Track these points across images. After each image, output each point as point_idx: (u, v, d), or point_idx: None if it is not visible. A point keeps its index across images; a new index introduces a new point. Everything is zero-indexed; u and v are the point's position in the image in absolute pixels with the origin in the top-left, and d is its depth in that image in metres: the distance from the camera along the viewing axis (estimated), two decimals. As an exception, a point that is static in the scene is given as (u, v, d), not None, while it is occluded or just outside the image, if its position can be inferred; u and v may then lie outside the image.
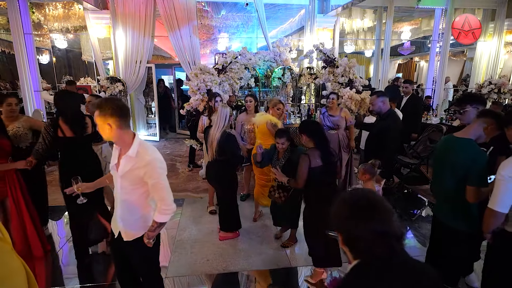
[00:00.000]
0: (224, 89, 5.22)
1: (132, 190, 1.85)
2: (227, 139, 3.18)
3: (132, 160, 1.79)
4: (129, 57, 7.36)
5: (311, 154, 2.54)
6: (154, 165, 1.79)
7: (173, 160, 6.59)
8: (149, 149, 1.83)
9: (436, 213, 2.42)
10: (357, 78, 5.49)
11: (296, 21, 10.56)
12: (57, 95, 2.99)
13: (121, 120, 1.75)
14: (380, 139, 3.28)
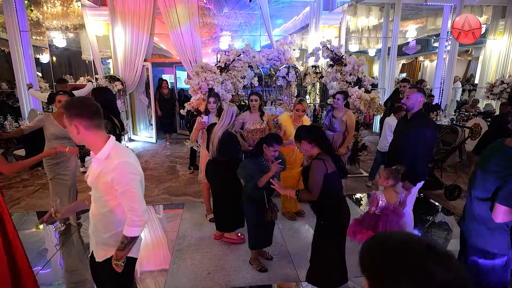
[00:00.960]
0: (227, 88, 4.99)
1: (104, 201, 1.63)
2: (229, 138, 3.04)
3: (101, 163, 1.60)
4: (128, 56, 7.13)
5: (325, 159, 2.22)
6: (123, 169, 1.56)
7: (173, 162, 6.35)
8: (121, 152, 1.63)
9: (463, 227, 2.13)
10: (366, 77, 5.24)
11: (300, 19, 10.31)
12: (95, 92, 3.09)
13: (90, 121, 1.56)
14: (405, 143, 2.84)
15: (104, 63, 8.37)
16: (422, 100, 2.83)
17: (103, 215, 1.66)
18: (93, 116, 1.57)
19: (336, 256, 2.39)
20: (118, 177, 1.55)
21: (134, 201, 1.58)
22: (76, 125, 1.54)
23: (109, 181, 1.56)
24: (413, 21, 12.50)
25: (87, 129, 1.56)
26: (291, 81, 6.83)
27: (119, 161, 1.56)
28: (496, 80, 7.21)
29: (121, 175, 1.56)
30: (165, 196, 4.66)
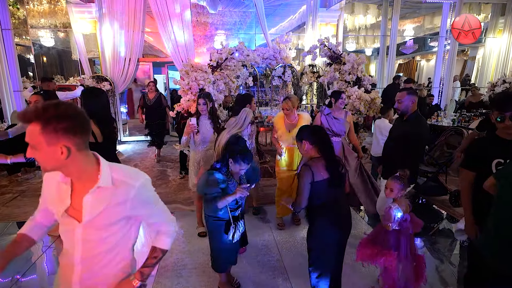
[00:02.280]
0: (219, 89, 4.70)
1: (106, 237, 1.26)
2: (236, 141, 2.81)
3: (108, 192, 1.20)
4: (117, 55, 6.82)
5: (314, 165, 2.03)
6: (147, 190, 1.28)
7: (163, 166, 6.05)
8: (128, 170, 1.29)
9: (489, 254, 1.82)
10: (365, 76, 4.98)
11: (296, 18, 10.07)
12: (84, 94, 2.72)
13: (84, 138, 1.15)
14: (403, 145, 2.80)
15: (98, 63, 8.07)
16: (415, 100, 2.83)
17: (103, 254, 1.29)
18: (88, 129, 1.17)
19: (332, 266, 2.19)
20: (144, 202, 1.27)
21: (165, 212, 1.41)
22: (67, 145, 1.08)
23: (125, 211, 1.24)
24: (410, 20, 12.31)
25: (80, 149, 1.14)
26: (288, 81, 6.57)
27: (140, 182, 1.24)
28: (498, 80, 7.01)
29: (147, 198, 1.29)
30: (153, 204, 4.36)
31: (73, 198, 1.22)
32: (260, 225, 3.78)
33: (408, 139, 2.74)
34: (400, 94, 2.82)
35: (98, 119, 2.58)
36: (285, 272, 2.88)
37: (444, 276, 2.93)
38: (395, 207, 2.28)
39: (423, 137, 2.79)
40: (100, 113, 2.62)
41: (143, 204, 1.27)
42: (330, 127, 3.69)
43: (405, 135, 2.78)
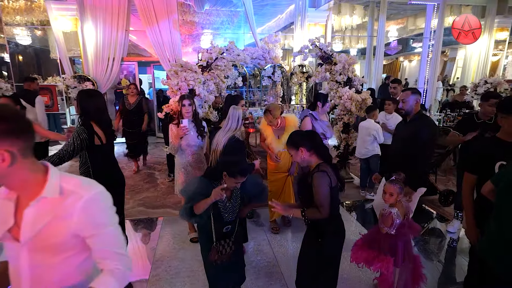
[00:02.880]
0: (209, 89, 4.58)
1: (57, 265, 1.07)
2: (235, 145, 2.77)
3: (53, 204, 1.02)
4: (100, 54, 6.57)
5: (328, 170, 1.92)
6: (100, 204, 1.08)
7: (151, 169, 5.87)
8: (81, 180, 1.10)
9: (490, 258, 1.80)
10: (356, 76, 4.97)
11: (284, 18, 10.04)
12: (82, 94, 2.59)
13: (29, 142, 1.00)
14: (410, 146, 2.67)
15: (78, 62, 7.76)
16: (419, 100, 2.74)
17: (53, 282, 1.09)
18: (32, 132, 1.02)
19: (332, 278, 2.12)
20: (92, 218, 1.06)
21: (118, 240, 1.13)
22: (10, 150, 0.93)
23: (70, 229, 1.04)
24: (394, 22, 12.53)
25: (26, 156, 0.99)
26: (277, 81, 6.51)
27: (91, 193, 1.05)
28: (480, 80, 7.17)
29: (97, 214, 1.07)
30: (141, 208, 4.20)
31: (17, 216, 1.04)
32: (254, 228, 3.69)
33: (412, 140, 2.62)
34: (404, 94, 2.72)
35: (98, 120, 2.49)
36: (282, 278, 2.80)
37: (435, 275, 2.93)
38: (395, 211, 2.23)
39: (428, 137, 2.62)
40: (99, 114, 2.54)
41: (90, 220, 1.04)
42: (325, 132, 3.66)
43: (409, 137, 2.67)
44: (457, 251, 3.46)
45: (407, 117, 2.79)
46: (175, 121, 3.14)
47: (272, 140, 3.39)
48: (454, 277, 3.02)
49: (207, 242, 2.11)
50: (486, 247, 1.84)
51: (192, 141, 3.09)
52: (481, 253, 1.86)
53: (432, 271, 2.97)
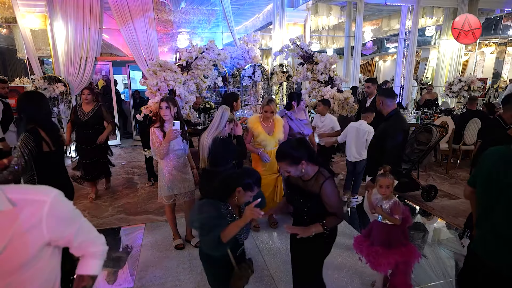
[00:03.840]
0: (190, 89, 4.43)
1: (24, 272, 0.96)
2: (219, 145, 2.67)
3: (9, 217, 0.92)
4: (72, 53, 6.23)
5: (329, 175, 1.89)
6: (62, 205, 1.05)
7: (129, 173, 5.62)
8: (28, 187, 1.10)
9: (482, 254, 1.83)
10: (337, 76, 4.99)
11: (261, 18, 9.98)
12: (24, 97, 2.36)
13: None
14: (382, 142, 2.86)
15: (48, 62, 7.32)
16: (394, 100, 2.93)
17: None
18: None
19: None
20: (63, 219, 1.04)
21: (90, 228, 1.19)
22: None
23: (42, 238, 0.97)
24: (369, 22, 12.80)
25: None
26: (258, 81, 6.44)
27: (52, 197, 0.99)
28: (454, 79, 7.44)
29: (66, 213, 1.06)
30: (121, 216, 3.99)
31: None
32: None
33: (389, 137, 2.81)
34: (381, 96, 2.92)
35: (44, 126, 2.31)
36: (273, 282, 2.72)
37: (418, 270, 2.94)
38: (398, 200, 2.33)
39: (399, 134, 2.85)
40: (44, 120, 2.36)
41: (62, 222, 1.04)
42: (301, 131, 3.62)
43: (387, 134, 2.85)
44: (441, 245, 3.51)
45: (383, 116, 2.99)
46: (156, 124, 2.96)
47: (264, 138, 3.30)
48: (439, 272, 3.05)
49: (221, 270, 1.85)
50: (478, 242, 1.84)
51: (177, 145, 2.94)
52: (475, 248, 1.87)
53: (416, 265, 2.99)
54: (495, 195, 1.64)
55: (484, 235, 1.78)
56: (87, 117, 4.23)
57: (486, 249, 1.77)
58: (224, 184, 1.81)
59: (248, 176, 1.79)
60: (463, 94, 7.25)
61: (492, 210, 1.68)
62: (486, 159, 1.79)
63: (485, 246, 1.77)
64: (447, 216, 4.06)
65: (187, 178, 3.08)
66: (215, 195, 1.81)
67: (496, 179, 1.64)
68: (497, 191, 1.63)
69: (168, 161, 2.98)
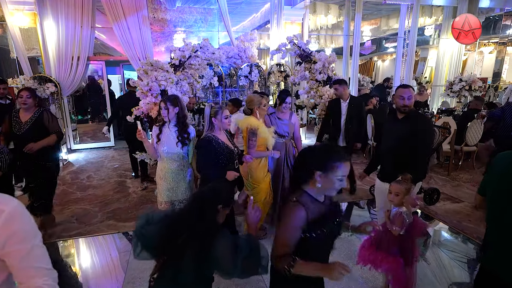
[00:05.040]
0: (183, 90, 4.26)
1: None
2: (198, 144, 2.53)
3: None
4: (63, 52, 6.06)
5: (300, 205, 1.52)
6: (22, 218, 0.98)
7: (122, 177, 5.44)
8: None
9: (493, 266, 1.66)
10: (336, 75, 4.83)
11: (259, 17, 9.82)
12: None
13: None
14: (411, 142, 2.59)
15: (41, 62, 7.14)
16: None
17: None
18: None
19: None
20: (16, 234, 0.96)
21: (47, 257, 1.05)
22: None
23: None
24: (368, 22, 12.67)
25: None
26: (255, 81, 6.28)
27: (11, 206, 0.96)
28: (455, 78, 7.31)
29: (20, 229, 0.97)
30: (111, 222, 3.80)
31: None
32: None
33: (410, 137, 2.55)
34: (409, 90, 2.62)
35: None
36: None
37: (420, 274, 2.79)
38: (405, 211, 2.15)
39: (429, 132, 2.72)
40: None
41: (15, 237, 0.95)
42: (282, 132, 3.45)
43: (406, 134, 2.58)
44: (444, 251, 3.36)
45: (399, 114, 2.65)
46: (157, 124, 2.88)
47: (265, 130, 3.03)
48: (442, 278, 2.89)
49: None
50: (493, 256, 1.68)
51: (171, 148, 2.75)
52: (489, 265, 1.70)
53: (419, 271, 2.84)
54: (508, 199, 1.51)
55: (496, 246, 1.64)
56: (24, 129, 3.25)
57: (500, 266, 1.61)
58: (204, 210, 1.45)
59: (217, 188, 1.56)
60: (464, 94, 7.12)
61: (504, 215, 1.54)
62: (496, 164, 1.65)
63: (499, 258, 1.61)
64: (450, 221, 3.91)
65: (183, 184, 2.87)
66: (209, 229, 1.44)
67: (508, 182, 1.50)
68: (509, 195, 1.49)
69: (164, 165, 2.82)
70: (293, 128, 3.54)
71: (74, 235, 3.48)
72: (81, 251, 3.32)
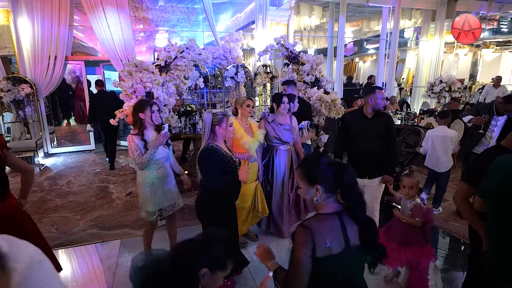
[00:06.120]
0: (169, 91, 4.13)
1: None
2: (202, 155, 2.31)
3: None
4: (39, 52, 5.76)
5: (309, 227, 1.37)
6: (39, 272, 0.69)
7: (104, 182, 5.22)
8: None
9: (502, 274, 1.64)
10: (324, 77, 4.83)
11: (243, 17, 9.74)
12: None
13: None
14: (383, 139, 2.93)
15: (14, 61, 6.77)
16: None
17: None
18: None
19: None
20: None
21: None
22: None
23: None
24: (350, 24, 12.85)
25: None
26: (241, 82, 6.19)
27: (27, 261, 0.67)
28: (435, 80, 7.50)
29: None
30: (94, 230, 3.62)
31: None
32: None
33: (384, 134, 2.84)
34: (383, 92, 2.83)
35: None
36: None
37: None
38: (420, 201, 2.37)
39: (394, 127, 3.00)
40: None
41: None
42: (278, 136, 3.30)
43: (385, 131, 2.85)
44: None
45: (368, 114, 2.87)
46: (135, 131, 2.61)
47: (247, 140, 2.98)
48: (431, 279, 2.93)
49: None
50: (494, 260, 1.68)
51: (159, 154, 2.63)
52: (492, 269, 1.70)
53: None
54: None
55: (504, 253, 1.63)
56: None
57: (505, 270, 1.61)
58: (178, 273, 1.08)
59: (210, 244, 1.17)
60: (444, 94, 7.31)
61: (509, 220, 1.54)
62: (497, 169, 1.64)
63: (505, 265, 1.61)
64: (437, 220, 3.97)
65: (170, 189, 2.77)
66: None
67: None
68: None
69: (149, 172, 2.67)
70: (295, 132, 3.41)
71: (55, 246, 3.26)
72: (63, 263, 3.13)
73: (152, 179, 2.64)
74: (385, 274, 2.76)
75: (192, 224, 3.74)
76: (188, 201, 4.43)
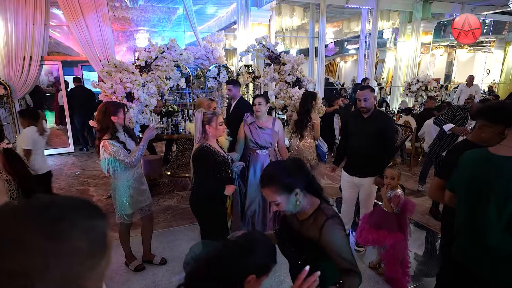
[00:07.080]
0: (150, 92, 4.08)
1: None
2: (197, 156, 2.34)
3: None
4: (13, 52, 5.56)
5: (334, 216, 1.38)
6: None
7: (84, 184, 5.10)
8: None
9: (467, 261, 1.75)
10: (305, 76, 4.90)
11: (224, 17, 9.74)
12: None
13: None
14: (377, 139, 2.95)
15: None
16: (375, 97, 3.17)
17: None
18: None
19: None
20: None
21: None
22: None
23: None
24: (331, 24, 13.07)
25: None
26: (223, 82, 6.19)
27: None
28: (413, 79, 7.75)
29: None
30: (74, 234, 3.54)
31: None
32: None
33: (376, 134, 2.85)
34: (364, 92, 2.81)
35: None
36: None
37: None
38: (401, 192, 2.57)
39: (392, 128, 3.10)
40: None
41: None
42: (253, 139, 3.13)
43: (372, 131, 2.87)
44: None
45: (364, 114, 2.90)
46: (107, 136, 2.52)
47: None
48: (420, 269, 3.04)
49: None
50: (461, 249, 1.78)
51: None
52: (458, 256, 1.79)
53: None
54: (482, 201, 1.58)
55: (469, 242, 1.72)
56: None
57: (470, 256, 1.70)
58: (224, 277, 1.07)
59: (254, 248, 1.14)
60: (421, 93, 7.57)
61: (476, 215, 1.62)
62: (466, 164, 1.72)
63: (470, 253, 1.70)
64: (414, 215, 4.11)
65: (145, 189, 2.82)
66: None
67: (480, 185, 1.58)
68: (484, 197, 1.57)
69: (127, 173, 2.64)
70: (277, 137, 3.23)
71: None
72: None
73: (130, 181, 2.62)
74: (369, 260, 3.03)
75: (175, 225, 3.72)
76: (171, 202, 4.41)
